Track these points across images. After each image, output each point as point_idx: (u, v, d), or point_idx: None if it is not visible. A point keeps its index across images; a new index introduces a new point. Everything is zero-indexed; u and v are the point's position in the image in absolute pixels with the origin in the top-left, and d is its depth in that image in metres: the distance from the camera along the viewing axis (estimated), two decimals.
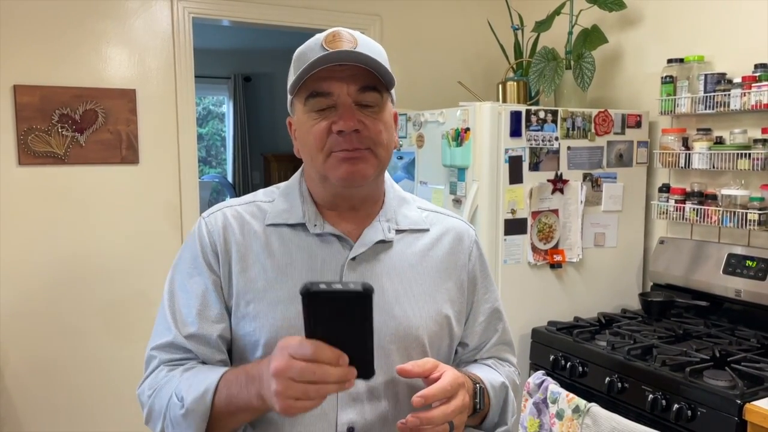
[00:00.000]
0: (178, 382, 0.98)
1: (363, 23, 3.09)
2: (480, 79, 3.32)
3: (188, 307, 1.04)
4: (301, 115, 1.04)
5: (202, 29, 2.99)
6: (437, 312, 1.10)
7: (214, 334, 1.03)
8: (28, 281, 2.53)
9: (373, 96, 1.02)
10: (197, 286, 1.05)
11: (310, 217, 1.08)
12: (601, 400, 1.99)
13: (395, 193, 1.16)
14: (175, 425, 0.96)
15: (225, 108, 6.52)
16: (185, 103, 2.75)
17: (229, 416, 0.95)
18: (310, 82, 1.00)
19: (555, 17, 2.75)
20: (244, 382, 0.93)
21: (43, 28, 2.49)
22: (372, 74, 1.00)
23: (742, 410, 1.67)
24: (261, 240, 1.06)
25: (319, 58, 0.97)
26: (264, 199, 1.12)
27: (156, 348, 1.04)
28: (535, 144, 2.38)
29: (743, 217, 2.16)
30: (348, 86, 0.99)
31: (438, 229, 1.16)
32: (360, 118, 1.00)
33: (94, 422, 2.65)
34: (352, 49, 0.98)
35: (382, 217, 1.11)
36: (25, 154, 2.48)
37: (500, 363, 1.21)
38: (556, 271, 2.49)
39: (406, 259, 1.10)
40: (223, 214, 1.09)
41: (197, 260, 1.06)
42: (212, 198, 6.18)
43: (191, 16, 2.74)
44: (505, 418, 1.12)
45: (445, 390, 0.94)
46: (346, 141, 1.00)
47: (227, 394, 0.94)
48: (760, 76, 2.12)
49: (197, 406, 0.94)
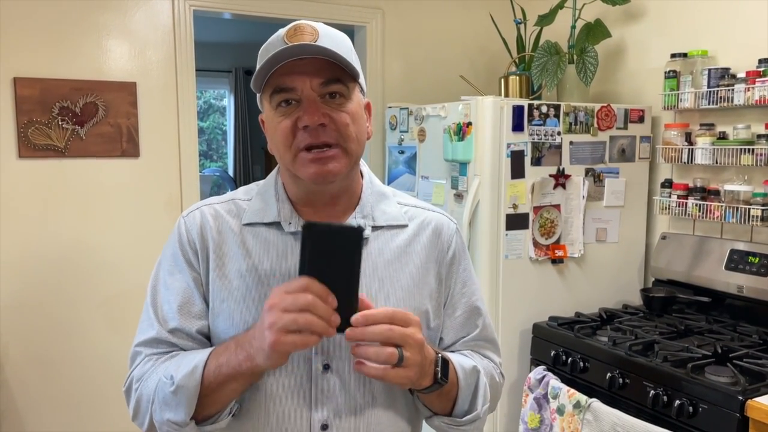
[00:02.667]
0: (165, 367, 0.99)
1: (365, 17, 3.07)
2: (482, 73, 3.30)
3: (169, 303, 1.04)
4: (269, 112, 1.04)
5: (203, 22, 2.98)
6: (415, 309, 1.07)
7: (194, 328, 1.04)
8: (28, 274, 2.53)
9: (338, 88, 1.00)
10: (178, 283, 1.05)
11: (285, 215, 1.07)
12: (602, 396, 1.98)
13: (374, 188, 1.14)
14: (164, 405, 0.96)
15: (226, 102, 6.51)
16: (186, 97, 2.74)
17: (217, 388, 0.95)
18: (273, 78, 0.99)
19: (558, 11, 2.74)
20: (233, 347, 0.95)
21: (43, 21, 2.48)
22: (336, 66, 0.99)
23: (743, 406, 1.66)
24: (237, 239, 1.06)
25: (278, 52, 0.96)
26: (242, 197, 1.12)
27: (140, 344, 1.05)
28: (537, 139, 2.37)
29: (746, 212, 2.15)
30: (311, 80, 0.98)
31: (417, 223, 1.14)
32: (325, 111, 0.99)
33: (93, 415, 2.66)
34: (312, 42, 0.97)
35: (358, 213, 1.09)
36: (25, 147, 2.47)
37: (480, 357, 1.16)
38: (558, 267, 2.48)
39: (383, 255, 1.08)
40: (201, 213, 1.09)
41: (177, 258, 1.07)
42: (213, 192, 6.17)
43: (192, 8, 2.73)
44: (475, 404, 1.07)
45: (389, 313, 0.90)
46: (312, 136, 0.99)
47: (216, 363, 0.95)
48: (764, 71, 2.11)
49: (187, 381, 0.94)
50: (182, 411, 0.95)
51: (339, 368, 1.02)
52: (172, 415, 0.95)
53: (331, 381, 1.01)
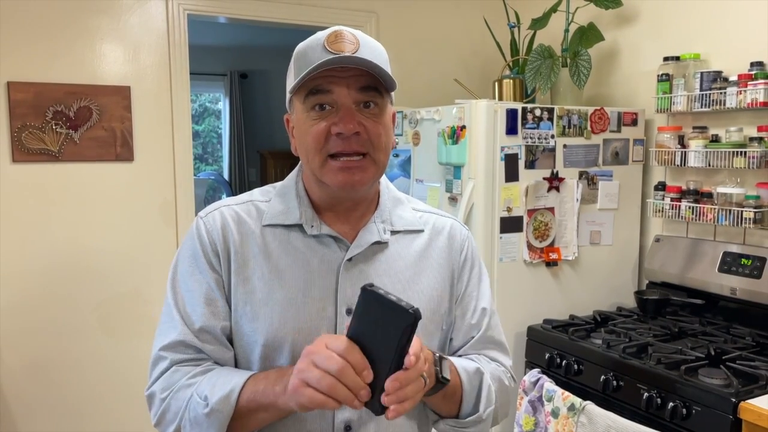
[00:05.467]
0: (198, 383, 0.98)
1: (359, 20, 3.08)
2: (476, 76, 3.31)
3: (193, 305, 1.04)
4: (300, 114, 1.03)
5: (198, 26, 2.99)
6: (433, 311, 1.11)
7: (218, 328, 1.03)
8: (22, 279, 2.52)
9: (375, 98, 1.01)
10: (200, 285, 1.04)
11: (307, 218, 1.07)
12: (596, 398, 1.99)
13: (390, 193, 1.16)
14: (194, 425, 0.96)
15: (221, 105, 6.50)
16: (180, 100, 2.74)
17: (249, 414, 0.95)
18: (310, 80, 0.99)
19: (551, 15, 2.75)
20: (274, 378, 0.94)
21: (37, 25, 2.47)
22: (374, 77, 0.99)
23: (736, 408, 1.67)
24: (258, 241, 1.06)
25: (321, 63, 0.96)
26: (261, 198, 1.12)
27: (164, 348, 1.03)
28: (531, 142, 2.38)
29: (739, 215, 2.16)
30: (349, 87, 0.98)
31: (432, 229, 1.17)
32: (360, 120, 0.99)
33: (89, 420, 2.64)
34: (354, 53, 0.97)
35: (378, 218, 1.11)
36: (18, 151, 2.46)
37: (487, 361, 1.17)
38: (552, 269, 2.49)
39: (402, 259, 1.10)
40: (221, 214, 1.08)
41: (198, 259, 1.05)
42: (208, 195, 6.16)
43: (186, 12, 2.73)
44: (478, 406, 1.07)
45: (418, 367, 0.88)
46: (345, 143, 0.99)
47: (253, 390, 0.94)
48: (756, 74, 2.12)
49: (222, 405, 0.94)
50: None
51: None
52: None
53: None
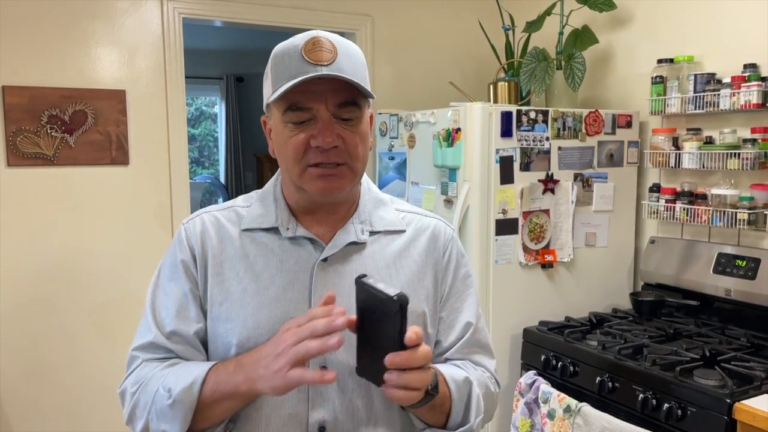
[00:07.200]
0: (164, 376, 1.00)
1: (354, 24, 3.08)
2: (471, 79, 3.32)
3: (167, 309, 1.07)
4: (278, 123, 1.05)
5: (194, 29, 2.98)
6: (411, 311, 1.08)
7: (191, 332, 1.06)
8: (18, 283, 2.52)
9: (353, 110, 1.03)
10: (176, 290, 1.08)
11: (283, 221, 1.10)
12: (592, 400, 1.99)
13: (371, 195, 1.17)
14: (160, 417, 0.98)
15: (217, 109, 6.50)
16: (175, 104, 2.74)
17: (213, 405, 0.97)
18: (289, 93, 1.00)
19: (546, 17, 2.76)
20: (233, 368, 0.97)
21: (31, 29, 2.47)
22: (351, 88, 1.01)
23: (731, 409, 1.67)
24: (236, 244, 1.09)
25: (298, 80, 0.97)
26: (242, 204, 1.15)
27: (138, 348, 1.07)
28: (526, 144, 2.39)
29: (733, 216, 2.17)
30: (327, 102, 1.00)
31: (414, 228, 1.17)
32: (338, 133, 1.01)
33: (84, 423, 2.64)
34: (331, 62, 0.98)
35: (356, 219, 1.12)
36: (13, 155, 2.46)
37: (473, 367, 1.16)
38: (548, 271, 2.49)
39: (381, 260, 1.11)
40: (201, 220, 1.12)
41: (176, 266, 1.09)
42: (204, 199, 6.15)
43: (181, 16, 2.73)
44: (468, 416, 1.07)
45: (428, 355, 0.93)
46: (323, 155, 1.02)
47: (215, 381, 0.97)
48: (749, 76, 2.13)
49: (185, 396, 0.96)
50: (178, 424, 0.97)
51: (336, 367, 1.02)
52: (168, 426, 0.98)
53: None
